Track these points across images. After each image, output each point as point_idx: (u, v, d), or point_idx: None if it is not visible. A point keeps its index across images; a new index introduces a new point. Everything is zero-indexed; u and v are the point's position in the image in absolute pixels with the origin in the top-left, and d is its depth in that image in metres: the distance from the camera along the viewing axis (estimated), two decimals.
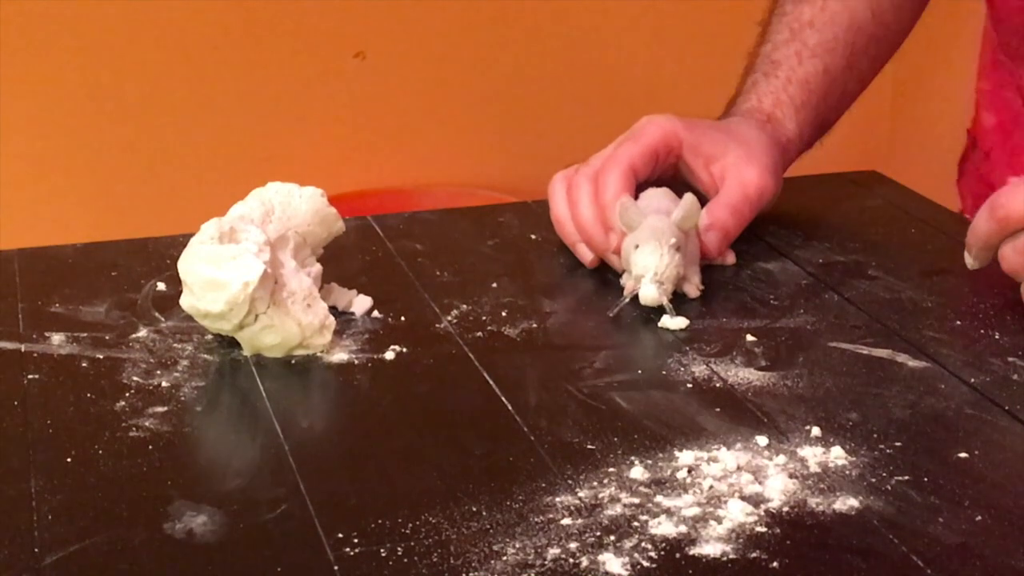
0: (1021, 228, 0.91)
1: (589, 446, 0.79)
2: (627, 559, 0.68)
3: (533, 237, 1.09)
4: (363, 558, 0.69)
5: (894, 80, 2.20)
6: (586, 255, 1.02)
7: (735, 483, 0.75)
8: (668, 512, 0.72)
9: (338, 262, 1.00)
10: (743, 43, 1.19)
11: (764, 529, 0.71)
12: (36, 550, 0.70)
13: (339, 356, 0.90)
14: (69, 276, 1.02)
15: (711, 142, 1.05)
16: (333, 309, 0.94)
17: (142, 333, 0.93)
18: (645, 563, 0.68)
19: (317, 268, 0.95)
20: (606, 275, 1.02)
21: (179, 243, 0.94)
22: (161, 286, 0.99)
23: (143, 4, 1.96)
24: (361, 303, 0.96)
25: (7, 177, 1.95)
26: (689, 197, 0.97)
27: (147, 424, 0.81)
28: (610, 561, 0.68)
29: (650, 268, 0.94)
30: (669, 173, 1.06)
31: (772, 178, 1.06)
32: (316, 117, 2.08)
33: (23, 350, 0.91)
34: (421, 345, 0.91)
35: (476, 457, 0.78)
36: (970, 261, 0.95)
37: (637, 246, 0.95)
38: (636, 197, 1.00)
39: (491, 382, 0.87)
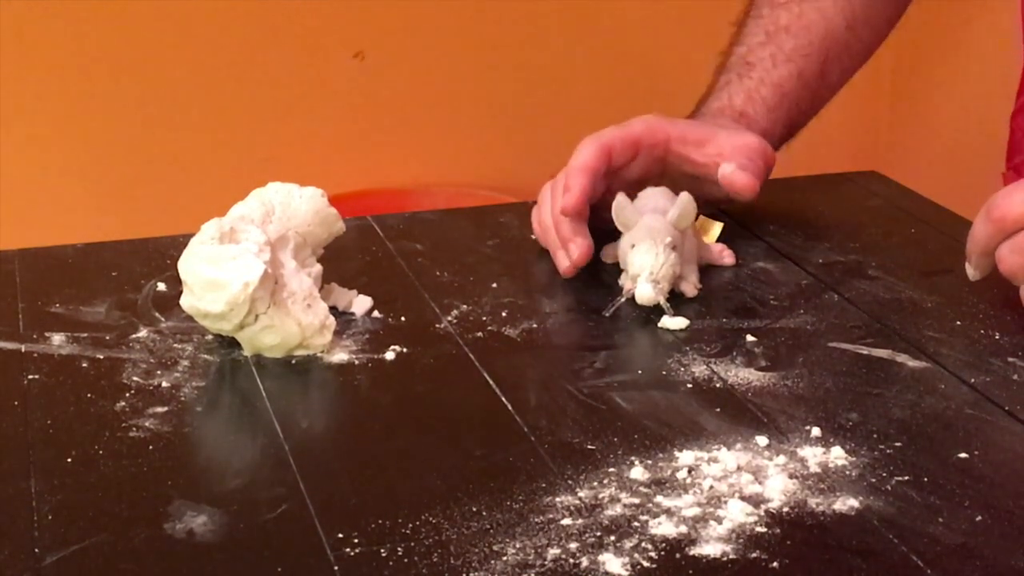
0: (1018, 229, 0.90)
1: (589, 446, 0.79)
2: (627, 559, 0.68)
3: (533, 237, 1.09)
4: (363, 558, 0.69)
5: (894, 80, 2.20)
6: (563, 261, 1.00)
7: (735, 483, 0.75)
8: (668, 512, 0.72)
9: (338, 262, 1.00)
10: None
11: (764, 529, 0.71)
12: (36, 550, 0.70)
13: (339, 356, 0.90)
14: (69, 276, 1.02)
15: (697, 131, 1.06)
16: (333, 309, 0.94)
17: (142, 333, 0.93)
18: (645, 563, 0.68)
19: (317, 268, 0.95)
20: (606, 276, 1.02)
21: (179, 243, 0.94)
22: (161, 286, 0.99)
23: (143, 4, 1.96)
24: (361, 303, 0.96)
25: (7, 177, 1.95)
26: (685, 196, 0.97)
27: (147, 424, 0.81)
28: (610, 561, 0.68)
29: (646, 267, 0.94)
30: (656, 170, 1.05)
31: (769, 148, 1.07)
32: (316, 117, 2.08)
33: (23, 350, 0.91)
34: (421, 345, 0.91)
35: (476, 457, 0.78)
36: (971, 271, 0.95)
37: (633, 245, 0.95)
38: (627, 194, 0.99)
39: (491, 382, 0.87)
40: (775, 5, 1.17)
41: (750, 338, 0.92)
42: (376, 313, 0.96)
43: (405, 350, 0.91)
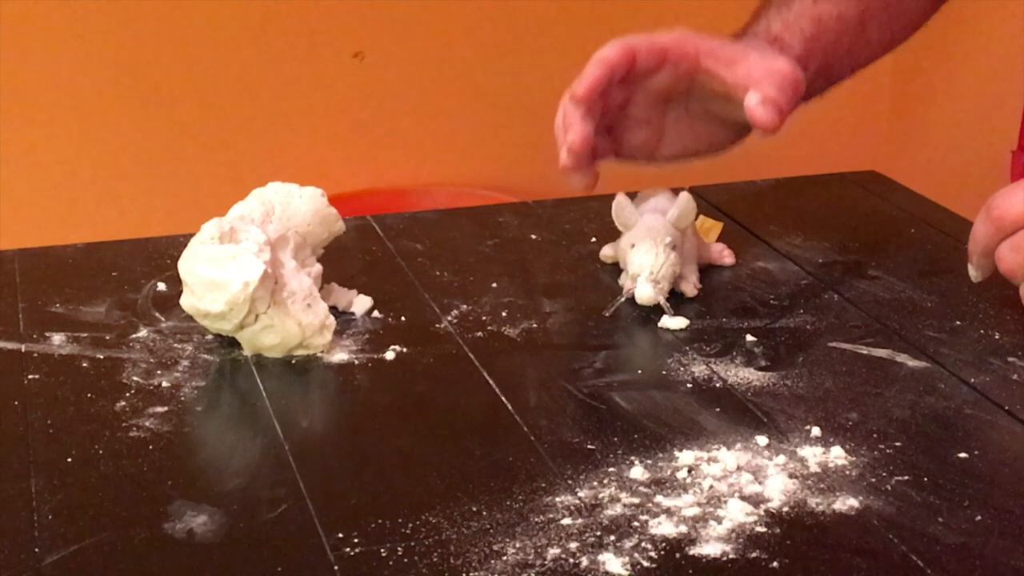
0: (1017, 228, 0.90)
1: (589, 446, 0.79)
2: (627, 559, 0.68)
3: (533, 237, 1.09)
4: (363, 558, 0.69)
5: (894, 80, 2.20)
6: (564, 156, 0.96)
7: (735, 483, 0.75)
8: (668, 512, 0.72)
9: (338, 262, 1.00)
10: None
11: (764, 529, 0.71)
12: (36, 550, 0.70)
13: (339, 356, 0.90)
14: (69, 276, 1.02)
15: (729, 49, 1.02)
16: (333, 309, 0.94)
17: (142, 333, 0.93)
18: (645, 563, 0.68)
19: (317, 268, 0.95)
20: (606, 276, 1.02)
21: (179, 243, 0.94)
22: (161, 286, 1.00)
23: (143, 4, 1.96)
24: (361, 303, 0.96)
25: (7, 177, 1.95)
26: (685, 196, 0.97)
27: (147, 424, 0.81)
28: (610, 561, 0.68)
29: (646, 267, 0.94)
30: (683, 85, 1.02)
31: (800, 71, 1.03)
32: (316, 117, 2.08)
33: (23, 350, 0.91)
34: (421, 345, 0.91)
35: (476, 457, 0.78)
36: (973, 272, 0.94)
37: (633, 245, 0.95)
38: (627, 195, 1.00)
39: (491, 382, 0.87)
40: None
41: (750, 338, 0.92)
42: (376, 313, 0.96)
43: (405, 350, 0.91)
